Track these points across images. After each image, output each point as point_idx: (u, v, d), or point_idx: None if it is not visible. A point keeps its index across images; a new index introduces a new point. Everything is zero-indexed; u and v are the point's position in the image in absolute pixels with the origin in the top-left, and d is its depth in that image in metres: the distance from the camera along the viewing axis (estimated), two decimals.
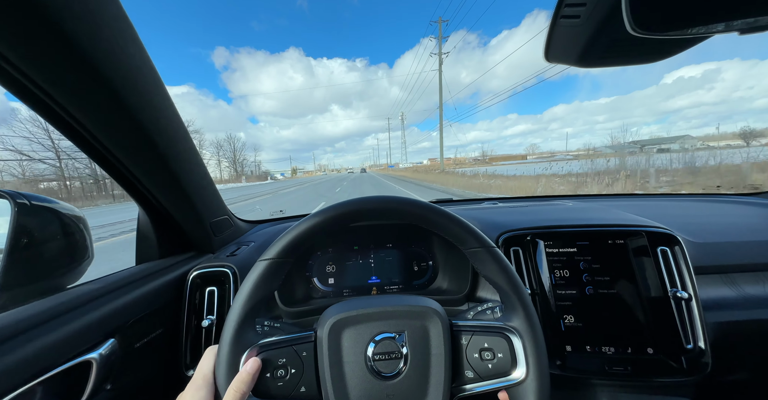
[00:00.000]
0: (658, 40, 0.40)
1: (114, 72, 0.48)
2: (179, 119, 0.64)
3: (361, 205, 0.49)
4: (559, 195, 1.66)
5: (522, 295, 0.49)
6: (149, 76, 0.54)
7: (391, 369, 0.45)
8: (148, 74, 0.54)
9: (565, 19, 0.45)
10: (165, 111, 0.59)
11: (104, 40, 0.45)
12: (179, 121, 0.64)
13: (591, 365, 0.72)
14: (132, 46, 0.50)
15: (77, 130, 0.53)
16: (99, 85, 0.47)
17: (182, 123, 0.65)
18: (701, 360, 0.69)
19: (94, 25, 0.43)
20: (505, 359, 0.47)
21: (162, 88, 0.58)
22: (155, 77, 0.56)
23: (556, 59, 0.52)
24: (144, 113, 0.54)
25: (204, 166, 0.77)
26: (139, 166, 0.63)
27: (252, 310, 0.45)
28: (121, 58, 0.48)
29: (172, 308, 0.73)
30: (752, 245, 0.86)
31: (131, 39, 0.50)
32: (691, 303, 0.72)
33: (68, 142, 0.55)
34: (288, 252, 0.47)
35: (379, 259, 0.97)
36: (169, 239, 0.83)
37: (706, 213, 1.12)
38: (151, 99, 0.55)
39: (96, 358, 0.51)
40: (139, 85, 0.52)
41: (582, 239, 0.82)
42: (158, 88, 0.57)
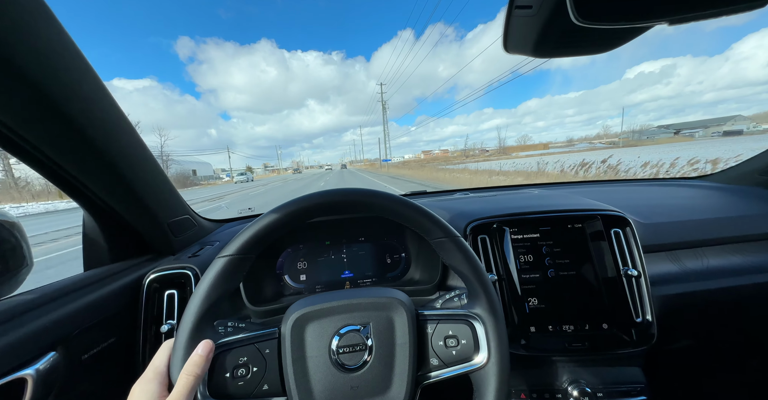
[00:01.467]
0: (602, 30, 0.42)
1: (25, 56, 0.42)
2: (118, 111, 0.59)
3: (325, 198, 0.48)
4: (527, 184, 1.73)
5: (485, 283, 0.50)
6: (72, 61, 0.49)
7: (355, 361, 0.45)
8: (70, 59, 0.48)
9: (519, 10, 0.45)
10: (99, 102, 0.54)
11: (9, 19, 0.39)
12: (118, 112, 0.59)
13: (553, 343, 0.77)
14: (48, 27, 0.44)
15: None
16: (9, 74, 0.41)
17: (123, 115, 0.60)
18: (648, 331, 0.76)
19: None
20: (468, 345, 0.48)
21: (91, 76, 0.52)
22: (82, 64, 0.50)
23: (514, 49, 0.53)
24: (72, 105, 0.49)
25: (155, 162, 0.72)
26: (74, 165, 0.57)
27: (211, 309, 0.43)
28: (32, 40, 0.42)
29: (127, 314, 0.68)
30: (693, 224, 0.94)
31: (45, 19, 0.44)
32: (640, 280, 0.78)
33: None
34: (249, 248, 0.45)
35: (351, 253, 0.96)
36: (122, 241, 0.77)
37: (656, 196, 1.21)
38: (79, 89, 0.50)
39: (32, 374, 0.47)
40: (60, 73, 0.46)
41: (544, 225, 0.86)
42: (88, 77, 0.51)
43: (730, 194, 1.15)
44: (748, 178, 1.23)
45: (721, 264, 0.89)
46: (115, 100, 0.58)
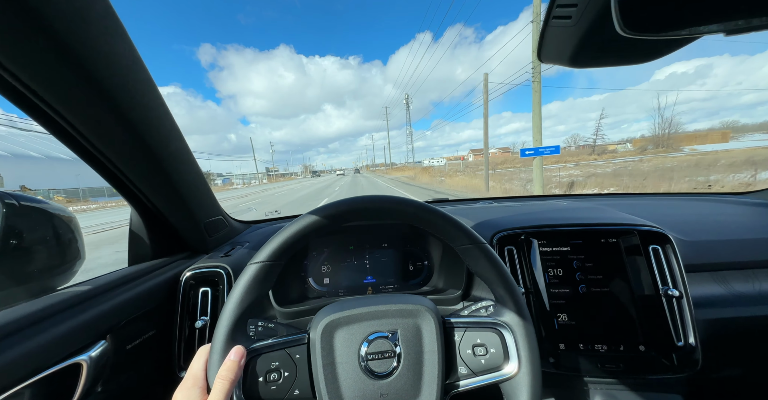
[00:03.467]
0: (648, 40, 0.40)
1: (103, 71, 0.47)
2: (171, 118, 0.64)
3: (353, 205, 0.49)
4: (553, 195, 1.67)
5: (513, 290, 0.49)
6: (140, 74, 0.54)
7: (384, 368, 0.45)
8: (138, 73, 0.53)
9: (557, 20, 0.45)
10: (156, 110, 0.59)
11: (92, 38, 0.44)
12: (171, 120, 0.64)
13: (584, 362, 0.73)
14: (121, 44, 0.49)
15: (67, 130, 0.52)
16: (88, 85, 0.46)
17: (174, 122, 0.65)
18: (692, 357, 0.70)
19: (82, 23, 0.42)
20: (497, 353, 0.47)
21: (153, 86, 0.57)
22: (146, 76, 0.55)
23: (549, 60, 0.53)
24: (135, 113, 0.54)
25: (197, 166, 0.76)
26: (130, 167, 0.62)
27: (244, 313, 0.45)
28: (110, 56, 0.48)
29: (165, 309, 0.72)
30: (742, 243, 0.87)
31: (120, 36, 0.49)
32: (682, 301, 0.73)
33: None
34: (279, 254, 0.47)
35: (374, 259, 0.97)
36: (162, 239, 0.82)
37: (697, 212, 1.14)
38: (142, 98, 0.54)
39: (86, 360, 0.51)
40: (130, 84, 0.51)
41: (575, 238, 0.82)
42: (149, 87, 0.56)
43: None
44: None
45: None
46: (169, 110, 0.63)
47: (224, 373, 0.40)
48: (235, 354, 0.42)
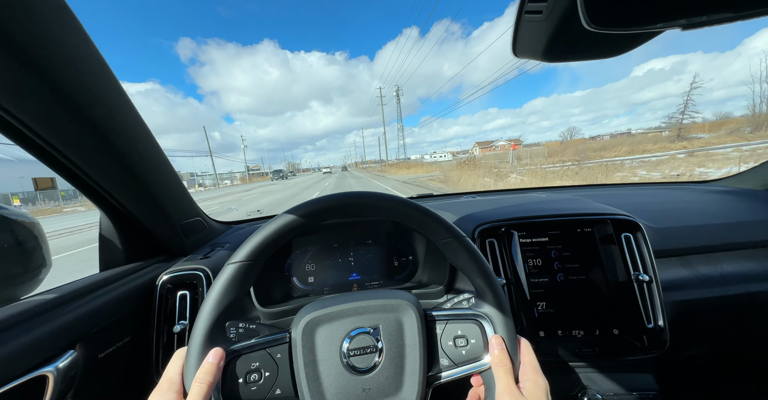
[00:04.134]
0: (614, 35, 0.42)
1: (53, 65, 0.43)
2: (137, 116, 0.61)
3: (331, 202, 0.48)
4: (534, 188, 1.72)
5: (492, 282, 0.50)
6: (97, 69, 0.50)
7: (366, 364, 0.45)
8: (95, 67, 0.50)
9: (529, 15, 0.46)
10: (120, 108, 0.56)
11: (40, 29, 0.41)
12: (137, 118, 0.61)
13: (562, 348, 0.76)
14: (74, 36, 0.46)
15: (20, 130, 0.48)
16: (38, 80, 0.43)
17: (141, 120, 0.62)
18: (660, 337, 0.74)
19: (27, 13, 0.39)
20: (477, 344, 0.48)
21: (114, 82, 0.54)
22: (104, 71, 0.52)
23: (523, 54, 0.54)
24: (95, 111, 0.51)
25: (170, 166, 0.73)
26: (95, 168, 0.59)
27: (222, 315, 0.44)
28: (61, 49, 0.44)
29: (141, 314, 0.70)
30: (705, 229, 0.93)
31: (72, 28, 0.46)
32: (651, 285, 0.77)
33: None
34: (257, 254, 0.46)
35: (359, 256, 0.97)
36: (136, 242, 0.79)
37: (666, 200, 1.20)
38: (102, 95, 0.51)
39: (53, 372, 0.48)
40: (86, 80, 0.48)
41: (553, 229, 0.85)
42: (109, 83, 0.53)
43: (744, 199, 1.13)
44: (759, 181, 1.21)
45: (736, 270, 0.88)
46: (135, 106, 0.59)
47: (202, 376, 0.39)
48: (213, 356, 0.41)
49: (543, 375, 0.46)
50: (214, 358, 0.41)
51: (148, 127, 0.64)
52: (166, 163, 0.72)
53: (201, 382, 0.39)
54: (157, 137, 0.66)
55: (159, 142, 0.67)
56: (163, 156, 0.71)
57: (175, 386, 0.40)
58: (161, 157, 0.69)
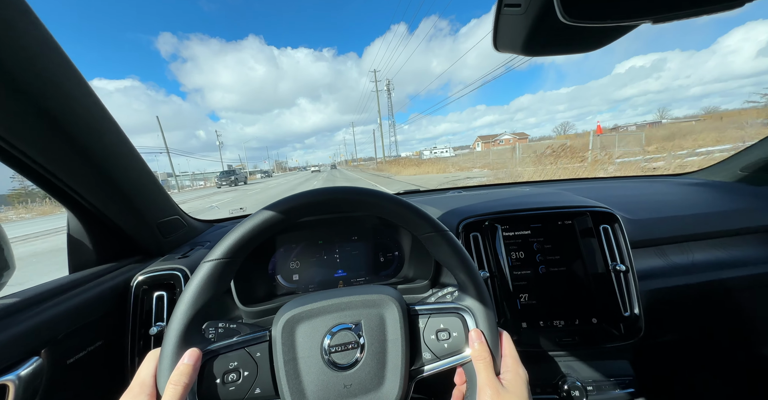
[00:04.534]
0: (590, 28, 0.42)
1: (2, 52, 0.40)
2: (102, 109, 0.57)
3: (312, 197, 0.47)
4: (519, 182, 1.75)
5: (474, 275, 0.51)
6: (53, 58, 0.47)
7: (348, 360, 0.45)
8: (50, 56, 0.47)
9: (508, 8, 0.46)
10: (81, 100, 0.52)
11: None
12: (102, 111, 0.57)
13: (544, 338, 0.78)
14: (24, 21, 0.43)
15: None
16: None
17: (107, 114, 0.59)
18: (636, 325, 0.77)
19: None
20: (459, 337, 0.49)
21: (73, 72, 0.51)
22: (61, 60, 0.49)
23: (504, 48, 0.54)
24: (51, 102, 0.47)
25: (143, 162, 0.70)
26: (56, 164, 0.55)
27: (198, 315, 0.43)
28: (10, 35, 0.41)
29: (115, 317, 0.67)
30: (679, 219, 0.97)
31: (22, 12, 0.42)
32: (628, 275, 0.80)
33: None
34: (235, 251, 0.45)
35: (344, 252, 0.96)
36: (109, 243, 0.75)
37: (643, 192, 1.24)
38: (60, 85, 0.48)
39: (13, 380, 0.46)
40: (40, 70, 0.45)
41: (535, 222, 0.87)
42: (68, 72, 0.50)
43: (714, 190, 1.18)
44: (730, 174, 1.26)
45: (706, 258, 0.92)
46: (99, 98, 0.56)
47: (176, 378, 0.38)
48: (188, 357, 0.40)
49: (523, 366, 0.47)
50: (189, 359, 0.39)
51: (116, 122, 0.61)
52: (138, 160, 0.69)
53: (175, 384, 0.37)
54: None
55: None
56: (135, 152, 0.67)
57: (148, 388, 0.38)
58: (132, 153, 0.66)
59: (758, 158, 1.16)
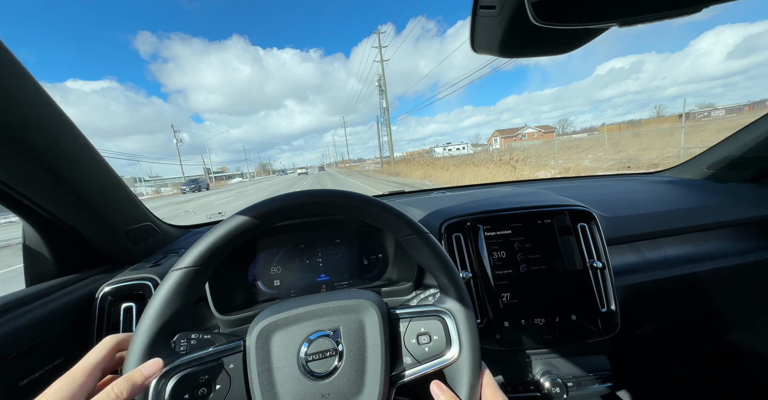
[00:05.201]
0: (562, 31, 0.43)
1: None
2: (56, 112, 0.53)
3: (287, 201, 0.46)
4: (500, 182, 1.78)
5: (454, 277, 0.50)
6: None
7: (325, 368, 0.44)
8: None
9: (483, 10, 0.46)
10: (30, 100, 0.48)
11: None
12: (57, 113, 0.53)
13: (525, 337, 0.79)
14: None
15: None
16: None
17: (63, 116, 0.54)
18: (613, 320, 0.80)
19: None
20: (440, 340, 0.48)
21: (19, 70, 0.47)
22: (6, 58, 0.45)
23: (481, 49, 0.54)
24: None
25: (107, 166, 0.66)
26: (7, 173, 0.51)
27: (166, 327, 0.40)
28: None
29: (78, 331, 0.63)
30: (651, 216, 1.00)
31: None
32: (604, 271, 0.82)
33: None
34: (205, 259, 0.43)
35: (327, 256, 0.94)
36: (71, 252, 0.70)
37: (618, 190, 1.28)
38: (3, 85, 0.44)
39: None
40: None
41: (515, 221, 0.88)
42: (13, 71, 0.46)
43: (683, 188, 1.24)
44: (697, 171, 1.33)
45: (677, 253, 0.96)
46: (54, 100, 0.52)
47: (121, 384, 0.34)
48: (148, 368, 0.37)
49: (502, 392, 0.47)
50: (149, 370, 0.37)
51: (75, 125, 0.57)
52: (102, 165, 0.64)
53: (120, 391, 0.34)
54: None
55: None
56: (97, 156, 0.63)
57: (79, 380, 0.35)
58: (93, 157, 0.62)
59: (722, 156, 1.22)
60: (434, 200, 1.22)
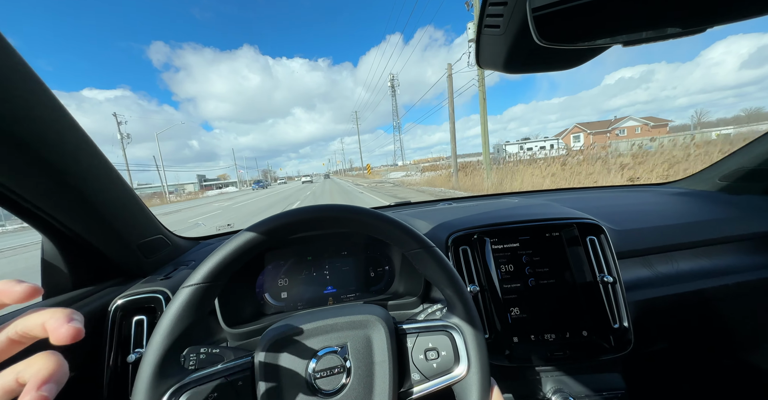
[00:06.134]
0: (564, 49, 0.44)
1: None
2: (78, 131, 0.55)
3: (296, 216, 0.47)
4: (507, 193, 1.77)
5: (462, 292, 0.50)
6: (23, 82, 0.45)
7: (333, 385, 0.43)
8: (19, 80, 0.45)
9: (488, 29, 0.47)
10: (54, 124, 0.51)
11: None
12: (78, 133, 0.56)
13: (535, 353, 0.77)
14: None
15: None
16: None
17: (84, 135, 0.57)
18: (626, 337, 0.77)
19: None
20: (448, 356, 0.48)
21: (46, 93, 0.49)
22: (32, 80, 0.47)
23: (486, 65, 0.55)
24: (21, 127, 0.46)
25: (123, 182, 0.68)
26: (29, 190, 0.53)
27: (177, 343, 0.41)
28: None
29: (90, 345, 0.63)
30: (663, 229, 0.98)
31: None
32: (616, 286, 0.80)
33: None
34: (216, 275, 0.43)
35: (334, 268, 0.94)
36: (86, 265, 0.72)
37: (627, 202, 1.26)
38: (31, 110, 0.47)
39: None
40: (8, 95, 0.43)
41: (523, 234, 0.87)
42: (39, 94, 0.48)
43: (696, 199, 1.21)
44: (710, 183, 1.30)
45: (691, 268, 0.93)
46: (75, 119, 0.55)
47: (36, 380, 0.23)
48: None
49: None
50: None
51: (94, 143, 0.59)
52: (117, 180, 0.67)
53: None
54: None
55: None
56: (114, 173, 0.65)
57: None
58: (110, 174, 0.64)
59: (736, 167, 1.20)
60: (440, 211, 1.22)
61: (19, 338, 0.25)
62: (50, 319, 0.24)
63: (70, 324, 0.24)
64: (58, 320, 0.24)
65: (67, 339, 0.24)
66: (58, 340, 0.24)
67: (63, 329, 0.24)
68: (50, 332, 0.24)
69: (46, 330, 0.25)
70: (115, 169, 0.66)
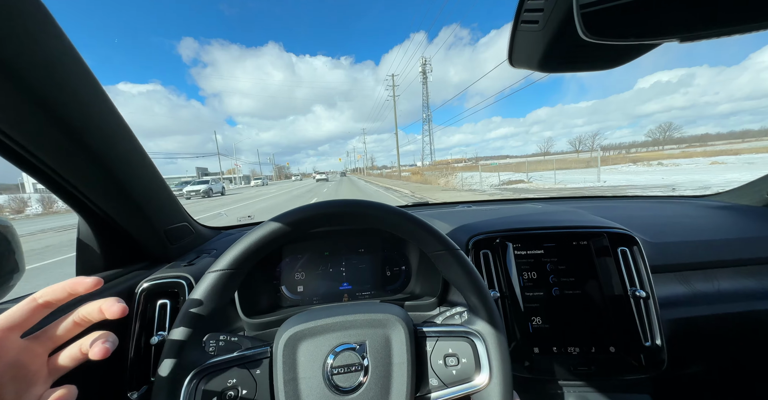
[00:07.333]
0: (610, 46, 0.41)
1: (22, 60, 0.41)
2: (118, 117, 0.58)
3: (321, 210, 0.47)
4: (529, 198, 1.71)
5: (485, 298, 0.48)
6: (71, 66, 0.48)
7: (351, 383, 0.43)
8: (69, 64, 0.47)
9: (525, 25, 0.45)
10: (97, 108, 0.53)
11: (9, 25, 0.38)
12: (118, 119, 0.58)
13: (558, 366, 0.73)
14: (44, 29, 0.43)
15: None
16: (5, 78, 0.40)
17: (123, 121, 0.60)
18: (658, 357, 0.72)
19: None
20: (468, 364, 0.46)
21: (91, 80, 0.52)
22: (80, 68, 0.49)
23: (520, 64, 0.53)
24: (68, 110, 0.48)
25: (154, 169, 0.71)
26: (70, 171, 0.56)
27: (200, 326, 0.41)
28: (30, 44, 0.41)
29: (117, 325, 0.66)
30: (703, 244, 0.91)
31: (43, 21, 0.43)
32: (648, 301, 0.75)
33: None
34: (240, 262, 0.44)
35: (350, 265, 0.94)
36: (116, 248, 0.76)
37: (662, 214, 1.19)
38: (77, 93, 0.49)
39: None
40: (58, 78, 0.46)
41: (548, 241, 0.83)
42: (86, 81, 0.51)
43: (741, 214, 1.12)
44: (756, 197, 1.20)
45: (735, 288, 0.86)
46: (115, 106, 0.57)
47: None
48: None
49: None
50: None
51: (131, 130, 0.62)
52: (150, 167, 0.69)
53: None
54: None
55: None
56: (147, 159, 0.68)
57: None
58: (144, 159, 0.67)
59: None
60: (460, 213, 1.20)
61: (80, 320, 0.37)
62: (104, 303, 0.36)
63: (119, 304, 0.35)
64: (110, 302, 0.35)
65: (117, 314, 0.35)
66: (113, 315, 0.35)
67: (114, 307, 0.35)
68: (105, 310, 0.35)
69: (101, 313, 0.35)
70: (148, 156, 0.69)
